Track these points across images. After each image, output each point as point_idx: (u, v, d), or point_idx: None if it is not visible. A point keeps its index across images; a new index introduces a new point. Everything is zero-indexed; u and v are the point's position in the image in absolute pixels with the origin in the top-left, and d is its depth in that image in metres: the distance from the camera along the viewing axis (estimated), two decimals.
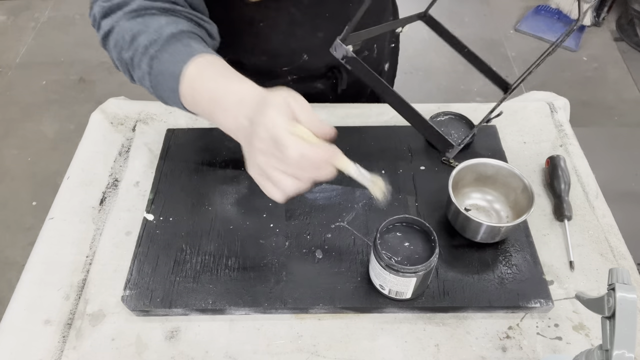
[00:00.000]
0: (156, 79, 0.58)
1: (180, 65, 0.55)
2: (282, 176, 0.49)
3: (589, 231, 0.71)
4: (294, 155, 0.47)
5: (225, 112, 0.53)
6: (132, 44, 0.58)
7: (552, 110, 0.88)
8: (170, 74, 0.56)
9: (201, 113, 0.57)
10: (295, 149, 0.47)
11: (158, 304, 0.63)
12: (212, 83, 0.54)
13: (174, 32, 0.57)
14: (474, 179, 0.71)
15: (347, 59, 0.57)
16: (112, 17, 0.60)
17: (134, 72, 0.61)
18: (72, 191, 0.78)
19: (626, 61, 2.38)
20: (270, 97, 0.50)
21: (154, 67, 0.57)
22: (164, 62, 0.56)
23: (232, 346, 0.61)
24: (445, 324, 0.63)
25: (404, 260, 0.59)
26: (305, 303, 0.63)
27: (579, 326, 0.62)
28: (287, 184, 0.49)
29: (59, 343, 0.62)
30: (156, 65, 0.57)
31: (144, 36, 0.58)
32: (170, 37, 0.57)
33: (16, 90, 2.31)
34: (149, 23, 0.58)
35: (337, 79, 0.90)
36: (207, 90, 0.54)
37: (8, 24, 2.66)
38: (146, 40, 0.57)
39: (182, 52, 0.56)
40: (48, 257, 0.70)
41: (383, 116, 0.88)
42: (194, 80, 0.55)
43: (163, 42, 0.57)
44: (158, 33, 0.57)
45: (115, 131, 0.86)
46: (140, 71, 0.59)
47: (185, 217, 0.72)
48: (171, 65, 0.56)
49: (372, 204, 0.73)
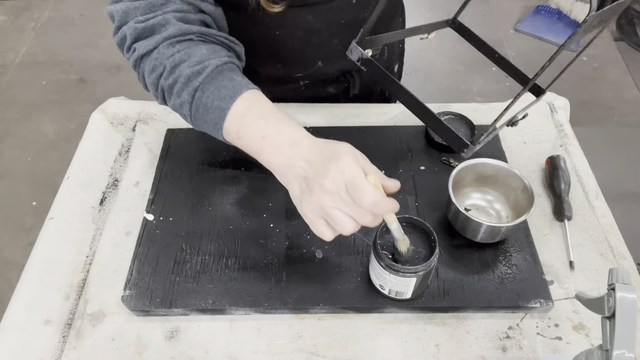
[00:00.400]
0: (198, 110, 0.59)
1: (227, 101, 0.57)
2: (344, 217, 0.51)
3: (589, 231, 0.71)
4: (370, 200, 0.49)
5: (276, 151, 0.55)
6: (173, 72, 0.59)
7: (552, 110, 0.88)
8: (216, 108, 0.57)
9: (245, 147, 0.58)
10: (373, 195, 0.50)
11: (158, 304, 0.63)
12: (262, 121, 0.56)
13: (218, 64, 0.59)
14: (474, 179, 0.71)
15: (362, 60, 0.58)
16: (148, 41, 0.60)
17: (171, 99, 0.61)
18: (72, 191, 0.78)
19: (626, 61, 2.38)
20: (339, 145, 0.54)
21: (197, 98, 0.58)
22: (209, 96, 0.58)
23: (232, 346, 0.61)
24: (445, 324, 0.63)
25: (404, 261, 0.59)
26: (305, 303, 0.63)
27: (579, 326, 0.62)
28: (347, 224, 0.51)
29: (59, 343, 0.62)
30: (199, 97, 0.58)
31: (185, 65, 0.59)
32: (214, 69, 0.59)
33: (16, 90, 2.31)
34: (191, 52, 0.59)
35: (349, 83, 0.90)
36: (256, 128, 0.56)
37: (8, 24, 2.66)
38: (189, 71, 0.58)
39: (227, 87, 0.58)
40: (48, 257, 0.70)
41: (383, 116, 0.88)
42: (242, 117, 0.57)
43: (207, 74, 0.58)
44: (202, 65, 0.58)
45: (115, 131, 0.86)
46: (180, 100, 0.60)
47: (185, 217, 0.72)
48: (217, 99, 0.57)
49: None
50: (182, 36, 0.60)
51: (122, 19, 0.61)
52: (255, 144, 0.56)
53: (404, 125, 0.84)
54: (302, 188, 0.53)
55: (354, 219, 0.51)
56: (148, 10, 0.60)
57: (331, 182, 0.50)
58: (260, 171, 0.77)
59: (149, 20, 0.60)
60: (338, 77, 0.90)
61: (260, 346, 0.61)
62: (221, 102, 0.57)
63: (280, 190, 0.75)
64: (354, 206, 0.50)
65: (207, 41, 0.62)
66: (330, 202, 0.50)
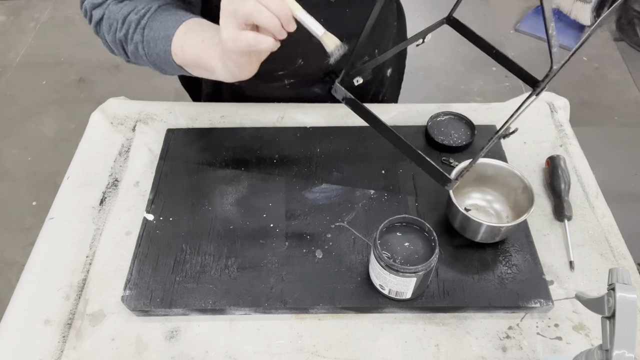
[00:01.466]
0: (149, 45, 0.66)
1: (171, 30, 0.64)
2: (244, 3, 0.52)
3: (589, 231, 0.71)
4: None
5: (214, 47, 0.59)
6: (124, 22, 0.67)
7: (552, 110, 0.88)
8: (163, 37, 0.64)
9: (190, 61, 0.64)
10: None
11: (158, 304, 0.63)
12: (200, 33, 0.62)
13: (161, 4, 0.66)
14: (474, 179, 0.71)
15: (346, 100, 0.61)
16: (102, 7, 0.68)
17: (128, 46, 0.68)
18: (72, 191, 0.78)
19: (626, 61, 2.38)
20: None
21: (146, 35, 0.66)
22: (156, 29, 0.65)
23: (232, 346, 0.61)
24: (445, 324, 0.63)
25: (404, 261, 0.59)
26: (305, 303, 0.63)
27: (579, 326, 0.62)
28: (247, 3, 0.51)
29: (59, 343, 0.62)
30: (148, 33, 0.65)
31: (133, 13, 0.66)
32: (157, 8, 0.66)
33: (16, 90, 2.31)
34: (136, 3, 0.67)
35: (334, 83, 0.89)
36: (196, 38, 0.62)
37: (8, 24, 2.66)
38: (137, 16, 0.66)
39: (171, 19, 0.65)
40: (48, 257, 0.70)
41: (383, 116, 0.87)
42: (184, 35, 0.63)
43: (152, 13, 0.66)
44: (146, 7, 0.66)
45: (115, 131, 0.86)
46: (134, 43, 0.67)
47: (185, 217, 0.72)
48: (162, 30, 0.65)
49: (372, 204, 0.73)
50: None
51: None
52: (197, 50, 0.62)
53: (404, 125, 0.84)
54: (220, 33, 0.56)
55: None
56: None
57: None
58: (260, 171, 0.78)
59: None
60: (323, 78, 0.89)
61: (260, 346, 0.61)
62: (167, 31, 0.64)
63: (280, 190, 0.75)
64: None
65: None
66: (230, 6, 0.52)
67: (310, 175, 0.77)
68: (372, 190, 0.75)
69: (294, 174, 0.77)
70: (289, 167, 0.78)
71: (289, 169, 0.77)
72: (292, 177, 0.76)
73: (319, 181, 0.76)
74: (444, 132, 0.81)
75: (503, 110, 0.88)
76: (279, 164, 0.78)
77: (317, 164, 0.78)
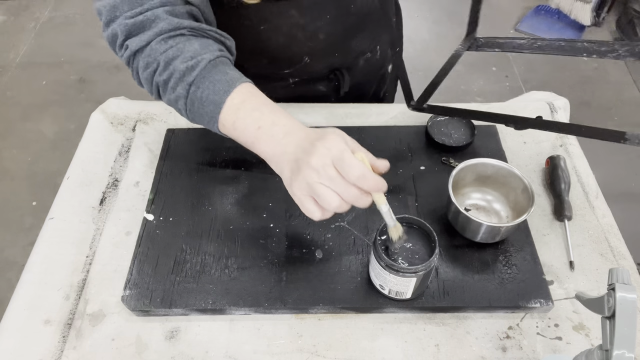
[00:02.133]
0: (194, 105, 0.60)
1: (222, 95, 0.58)
2: (329, 192, 0.52)
3: (589, 231, 0.71)
4: (356, 173, 0.51)
5: (271, 140, 0.57)
6: (167, 68, 0.60)
7: (552, 110, 0.88)
8: (212, 102, 0.59)
9: (240, 139, 0.60)
10: (360, 167, 0.51)
11: (158, 304, 0.63)
12: (257, 113, 0.58)
13: (211, 59, 0.60)
14: (474, 179, 0.71)
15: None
16: (140, 37, 0.61)
17: (165, 94, 0.63)
18: (72, 191, 0.78)
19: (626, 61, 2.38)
20: (328, 128, 0.56)
21: (192, 93, 0.60)
22: (204, 90, 0.59)
23: (232, 346, 0.61)
24: (445, 324, 0.63)
25: (404, 260, 0.59)
26: (305, 303, 0.63)
27: (579, 326, 0.62)
28: (332, 199, 0.52)
29: (59, 343, 0.62)
30: (194, 91, 0.60)
31: (179, 61, 0.60)
32: (207, 64, 0.60)
33: (16, 90, 2.31)
34: (183, 47, 0.61)
35: (339, 81, 0.90)
36: (252, 120, 0.58)
37: (8, 24, 2.66)
38: (183, 66, 0.59)
39: (222, 81, 0.59)
40: (48, 257, 0.70)
41: (383, 116, 0.88)
42: (237, 109, 0.58)
43: (201, 69, 0.59)
44: (195, 60, 0.59)
45: (115, 131, 0.86)
46: (175, 94, 0.61)
47: (185, 217, 0.72)
48: (212, 94, 0.59)
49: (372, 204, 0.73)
50: (174, 31, 0.61)
51: (109, 14, 0.62)
52: (252, 135, 0.58)
53: (404, 125, 0.84)
54: (292, 170, 0.55)
55: (339, 194, 0.52)
56: (135, 3, 0.61)
57: (317, 158, 0.52)
58: (260, 171, 0.78)
59: (139, 16, 0.60)
60: (327, 75, 0.89)
61: (260, 346, 0.61)
62: (216, 96, 0.59)
63: (280, 190, 0.75)
64: (340, 181, 0.51)
65: (199, 35, 0.63)
66: (316, 178, 0.52)
67: None
68: None
69: None
70: None
71: None
72: None
73: None
74: (444, 132, 0.81)
75: (503, 110, 0.88)
76: None
77: None
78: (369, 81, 0.96)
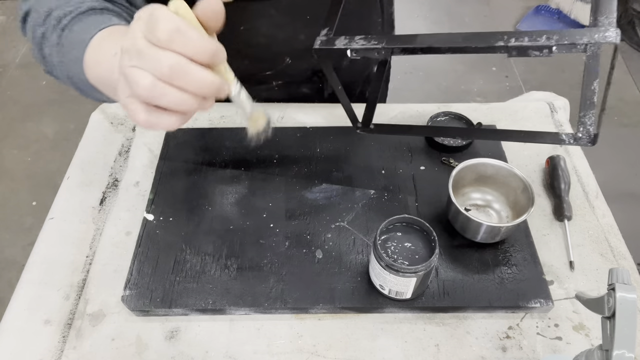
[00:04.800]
0: (62, 50, 0.50)
1: (92, 31, 0.48)
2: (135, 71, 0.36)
3: (589, 231, 0.71)
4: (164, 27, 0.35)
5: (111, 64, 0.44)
6: (47, 19, 0.52)
7: (552, 110, 0.88)
8: (79, 41, 0.48)
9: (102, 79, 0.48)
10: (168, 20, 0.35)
11: (158, 304, 0.63)
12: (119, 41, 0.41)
13: (95, 6, 0.51)
14: (474, 179, 0.71)
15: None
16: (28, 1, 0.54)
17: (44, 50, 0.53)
18: (72, 191, 0.78)
19: (626, 61, 2.38)
20: None
21: (64, 38, 0.50)
22: (75, 32, 0.49)
23: (232, 346, 0.61)
24: (445, 324, 0.63)
25: (404, 260, 0.59)
26: (305, 303, 0.63)
27: (579, 326, 0.62)
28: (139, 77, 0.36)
29: (59, 343, 0.62)
30: (67, 35, 0.50)
31: (60, 10, 0.51)
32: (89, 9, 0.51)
33: (16, 90, 2.31)
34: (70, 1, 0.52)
35: (322, 83, 0.89)
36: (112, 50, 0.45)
37: (8, 24, 2.66)
38: (61, 13, 0.51)
39: (97, 21, 0.49)
40: (48, 257, 0.70)
41: (382, 116, 0.88)
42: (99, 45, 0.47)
43: (79, 13, 0.50)
44: (76, 6, 0.51)
45: (115, 131, 0.86)
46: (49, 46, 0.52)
47: (185, 217, 0.72)
48: (82, 33, 0.49)
49: (372, 204, 0.73)
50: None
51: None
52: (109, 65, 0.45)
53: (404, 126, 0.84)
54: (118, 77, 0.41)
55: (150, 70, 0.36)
56: None
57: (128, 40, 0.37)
58: (260, 171, 0.78)
59: None
60: (311, 77, 0.88)
61: (260, 346, 0.61)
62: (85, 35, 0.48)
63: (280, 190, 0.75)
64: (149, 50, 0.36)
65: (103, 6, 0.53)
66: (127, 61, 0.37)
67: (310, 175, 0.77)
68: (372, 190, 0.75)
69: (294, 174, 0.77)
70: (289, 167, 0.78)
71: (289, 169, 0.78)
72: (292, 177, 0.76)
73: (319, 181, 0.76)
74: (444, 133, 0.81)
75: (503, 110, 0.88)
76: (279, 164, 0.78)
77: (317, 164, 0.78)
78: (353, 82, 0.95)
